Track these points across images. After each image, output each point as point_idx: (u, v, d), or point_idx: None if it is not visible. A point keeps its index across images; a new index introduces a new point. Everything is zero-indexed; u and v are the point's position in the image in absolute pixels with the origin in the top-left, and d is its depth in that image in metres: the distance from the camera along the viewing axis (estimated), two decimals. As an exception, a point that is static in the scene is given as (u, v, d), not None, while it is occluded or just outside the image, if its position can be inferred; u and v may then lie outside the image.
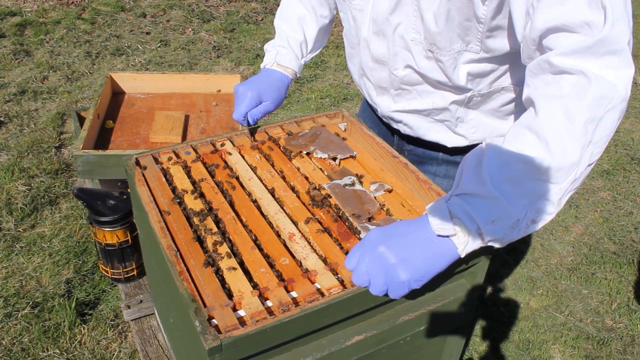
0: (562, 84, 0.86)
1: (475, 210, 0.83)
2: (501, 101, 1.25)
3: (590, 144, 0.83)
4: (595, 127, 0.83)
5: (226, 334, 0.80)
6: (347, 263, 0.91)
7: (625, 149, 3.78)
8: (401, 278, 0.85)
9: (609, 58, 0.83)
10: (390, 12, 1.16)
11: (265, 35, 5.00)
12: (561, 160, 0.82)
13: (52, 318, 2.33)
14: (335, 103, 4.08)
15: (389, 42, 1.21)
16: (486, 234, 0.83)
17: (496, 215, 0.83)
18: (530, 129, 0.85)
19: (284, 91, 1.44)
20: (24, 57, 4.34)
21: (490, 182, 0.83)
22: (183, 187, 1.13)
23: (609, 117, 0.83)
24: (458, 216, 0.84)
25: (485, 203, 0.83)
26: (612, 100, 0.83)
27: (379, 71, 1.29)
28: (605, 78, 0.83)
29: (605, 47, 0.83)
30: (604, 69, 0.83)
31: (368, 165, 1.25)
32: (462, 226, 0.84)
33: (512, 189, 0.83)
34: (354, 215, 1.06)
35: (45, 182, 3.07)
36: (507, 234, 0.84)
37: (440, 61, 1.15)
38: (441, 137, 1.34)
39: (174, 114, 1.95)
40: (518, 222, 0.83)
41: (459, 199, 0.86)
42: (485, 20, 1.03)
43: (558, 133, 0.83)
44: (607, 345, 2.41)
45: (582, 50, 0.84)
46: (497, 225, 0.83)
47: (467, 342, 2.35)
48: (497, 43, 1.08)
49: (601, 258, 2.89)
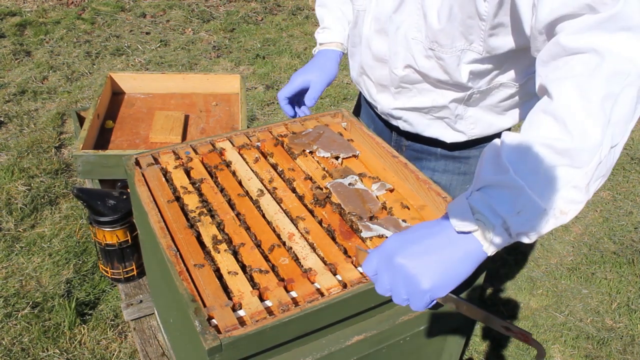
0: (572, 64, 0.81)
1: (498, 202, 0.77)
2: (500, 97, 1.25)
3: (610, 123, 0.77)
4: (612, 104, 0.77)
5: (226, 334, 0.80)
6: (365, 268, 0.85)
7: (625, 149, 3.78)
8: (423, 287, 0.78)
9: (623, 34, 0.78)
10: (394, 10, 1.16)
11: (265, 35, 5.00)
12: (582, 141, 0.76)
13: (52, 318, 2.33)
14: (335, 103, 4.08)
15: (390, 40, 1.21)
16: (513, 227, 0.77)
17: (521, 205, 0.76)
18: (545, 112, 0.80)
19: (332, 64, 1.49)
20: (24, 57, 4.34)
21: (512, 170, 0.77)
22: (183, 187, 1.13)
23: (628, 94, 0.77)
24: (480, 211, 0.77)
25: (508, 194, 0.77)
26: (629, 76, 0.77)
27: (380, 69, 1.30)
28: (619, 53, 0.77)
29: (618, 23, 0.78)
30: (618, 44, 0.78)
31: (370, 165, 1.25)
32: (486, 221, 0.77)
33: (536, 176, 0.77)
34: (356, 215, 1.06)
35: (45, 182, 3.07)
36: (535, 226, 0.77)
37: (441, 59, 1.15)
38: (440, 133, 1.34)
39: (173, 114, 1.95)
40: (546, 212, 0.76)
41: (480, 193, 0.79)
42: (488, 17, 1.03)
43: (575, 112, 0.77)
44: (607, 345, 2.41)
45: (593, 27, 0.79)
46: (524, 216, 0.76)
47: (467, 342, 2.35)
48: (499, 41, 1.08)
49: (601, 258, 2.89)
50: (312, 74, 1.46)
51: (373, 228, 1.02)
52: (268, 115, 3.90)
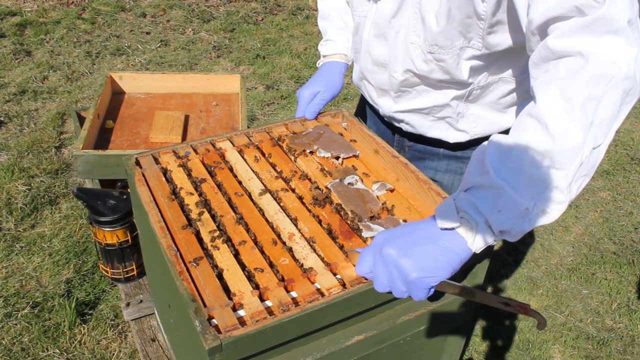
0: (559, 67, 0.84)
1: (480, 201, 0.81)
2: (499, 93, 1.26)
3: (592, 125, 0.79)
4: (595, 106, 0.79)
5: (226, 334, 0.80)
6: (358, 269, 0.89)
7: (625, 149, 3.78)
8: (411, 276, 0.82)
9: (610, 37, 0.80)
10: (392, 15, 1.17)
11: (265, 35, 5.00)
12: (563, 143, 0.79)
13: (52, 318, 2.33)
14: (335, 103, 4.08)
15: (390, 45, 1.22)
16: (494, 225, 0.81)
17: (502, 204, 0.80)
18: (530, 116, 0.84)
19: (337, 76, 1.47)
20: (24, 57, 4.34)
21: (492, 170, 0.81)
22: (183, 187, 1.13)
23: (610, 97, 0.79)
24: (465, 209, 0.82)
25: (489, 193, 0.81)
26: (612, 79, 0.79)
27: (379, 74, 1.30)
28: (604, 56, 0.80)
29: (604, 27, 0.80)
30: (603, 47, 0.80)
31: (371, 165, 1.25)
32: (470, 219, 0.82)
33: (517, 176, 0.80)
34: (356, 214, 1.06)
35: (45, 182, 3.07)
36: (516, 225, 0.81)
37: (441, 61, 1.15)
38: (443, 134, 1.35)
39: (174, 114, 1.95)
40: (527, 211, 0.80)
41: (465, 194, 0.84)
42: (486, 16, 1.04)
43: (556, 115, 0.80)
44: (607, 345, 2.41)
45: (579, 30, 0.82)
46: (505, 215, 0.80)
47: (467, 342, 2.35)
48: (498, 38, 1.08)
49: (601, 258, 2.89)
50: (319, 87, 1.42)
51: (374, 228, 1.02)
52: (268, 115, 3.91)
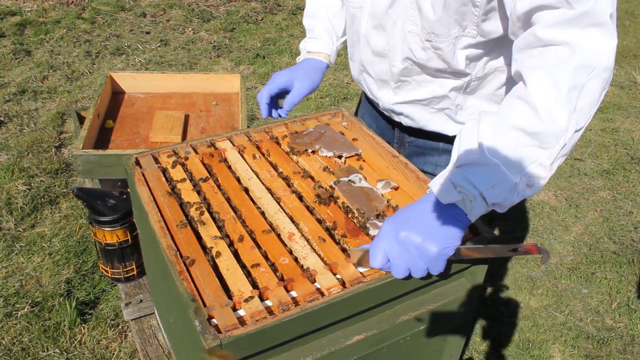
0: (546, 55, 0.91)
1: (475, 177, 0.89)
2: (496, 84, 1.27)
3: (576, 110, 0.88)
4: (578, 94, 0.88)
5: (226, 334, 0.80)
6: (374, 262, 0.92)
7: (625, 149, 3.78)
8: (433, 251, 0.88)
9: (593, 30, 0.88)
10: (389, 5, 1.19)
11: (265, 35, 5.00)
12: (550, 125, 0.87)
13: (52, 318, 2.33)
14: (335, 102, 4.08)
15: (388, 35, 1.24)
16: (489, 198, 0.89)
17: (495, 180, 0.88)
18: (520, 99, 0.91)
19: (317, 74, 1.47)
20: (24, 57, 4.34)
21: (487, 150, 0.89)
22: (183, 186, 1.13)
23: (592, 85, 0.88)
24: (461, 185, 0.89)
25: (484, 170, 0.89)
26: (594, 69, 0.87)
27: (379, 64, 1.31)
28: (588, 48, 0.87)
29: (589, 20, 0.87)
30: (588, 39, 0.88)
31: (374, 164, 1.25)
32: (467, 192, 0.89)
33: (508, 155, 0.88)
34: (363, 213, 1.06)
35: (45, 181, 3.07)
36: (507, 198, 0.90)
37: (438, 49, 1.17)
38: (442, 127, 1.35)
39: (174, 114, 1.95)
40: (516, 185, 0.89)
41: (459, 170, 0.91)
42: (481, 3, 1.06)
43: (546, 100, 0.88)
44: (607, 344, 2.41)
45: (567, 22, 0.89)
46: (497, 189, 0.89)
47: (467, 342, 2.35)
48: (492, 26, 1.11)
49: (601, 258, 2.89)
50: (296, 78, 1.43)
51: (380, 226, 1.02)
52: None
